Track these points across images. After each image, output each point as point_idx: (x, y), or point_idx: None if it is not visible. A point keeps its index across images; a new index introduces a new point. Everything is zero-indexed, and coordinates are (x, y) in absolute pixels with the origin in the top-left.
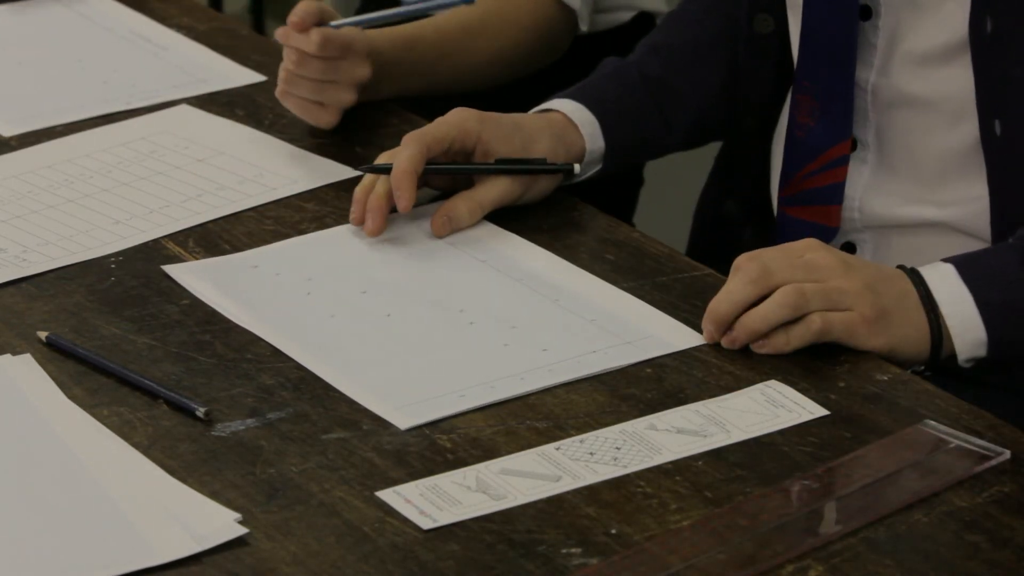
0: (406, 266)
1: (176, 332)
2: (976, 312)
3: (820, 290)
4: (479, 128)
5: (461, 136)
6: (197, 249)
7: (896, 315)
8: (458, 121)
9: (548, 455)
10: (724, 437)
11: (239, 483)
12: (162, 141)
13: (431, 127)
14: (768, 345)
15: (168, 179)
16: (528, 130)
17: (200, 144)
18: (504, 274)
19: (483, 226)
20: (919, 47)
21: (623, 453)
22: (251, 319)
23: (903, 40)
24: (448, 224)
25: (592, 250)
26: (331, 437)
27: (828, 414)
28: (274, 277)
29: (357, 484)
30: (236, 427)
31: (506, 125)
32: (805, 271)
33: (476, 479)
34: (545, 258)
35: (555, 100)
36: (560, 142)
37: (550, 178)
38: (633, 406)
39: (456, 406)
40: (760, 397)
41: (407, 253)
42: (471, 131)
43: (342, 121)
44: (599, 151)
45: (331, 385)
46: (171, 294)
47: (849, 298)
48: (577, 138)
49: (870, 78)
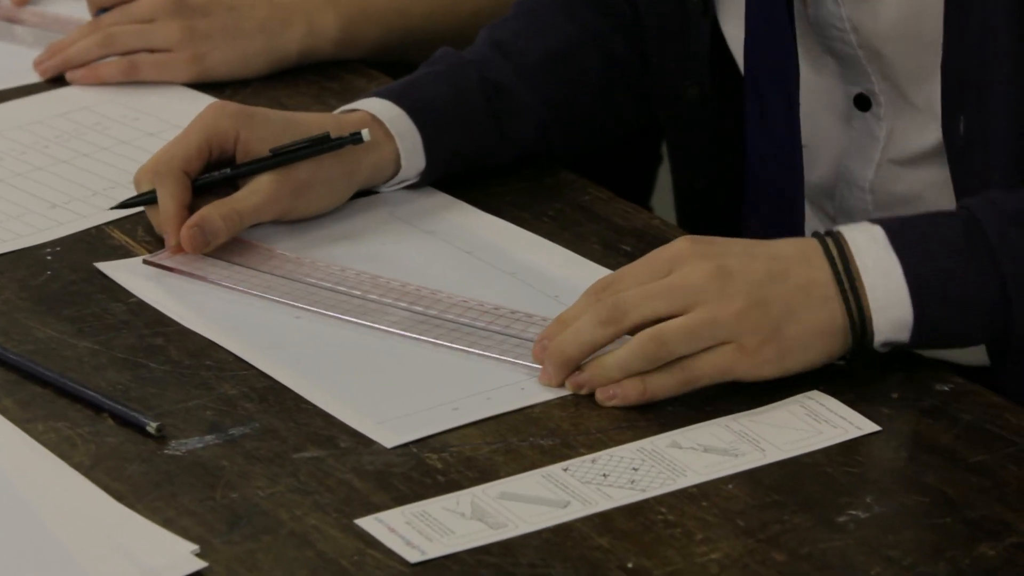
0: (382, 258)
1: (123, 335)
2: (904, 287)
3: (683, 329)
4: (235, 126)
5: (217, 139)
6: (147, 238)
7: (791, 325)
8: (210, 123)
9: (554, 477)
10: (758, 456)
11: (196, 509)
12: (107, 111)
13: (179, 145)
14: (620, 395)
15: (114, 155)
16: (306, 127)
17: (151, 115)
18: (496, 268)
19: (467, 211)
20: (913, 145)
21: (641, 475)
22: (204, 322)
23: (902, 135)
24: (201, 236)
25: (606, 240)
26: (303, 456)
27: (879, 430)
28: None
29: (334, 511)
30: (193, 445)
31: (275, 122)
32: (668, 299)
33: (471, 505)
34: (542, 248)
35: (364, 100)
36: (359, 147)
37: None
38: (653, 420)
39: (448, 421)
40: (800, 410)
41: (381, 242)
42: (225, 132)
43: (315, 90)
44: (417, 168)
45: (303, 397)
46: (117, 290)
47: (723, 329)
48: (386, 145)
49: (868, 175)
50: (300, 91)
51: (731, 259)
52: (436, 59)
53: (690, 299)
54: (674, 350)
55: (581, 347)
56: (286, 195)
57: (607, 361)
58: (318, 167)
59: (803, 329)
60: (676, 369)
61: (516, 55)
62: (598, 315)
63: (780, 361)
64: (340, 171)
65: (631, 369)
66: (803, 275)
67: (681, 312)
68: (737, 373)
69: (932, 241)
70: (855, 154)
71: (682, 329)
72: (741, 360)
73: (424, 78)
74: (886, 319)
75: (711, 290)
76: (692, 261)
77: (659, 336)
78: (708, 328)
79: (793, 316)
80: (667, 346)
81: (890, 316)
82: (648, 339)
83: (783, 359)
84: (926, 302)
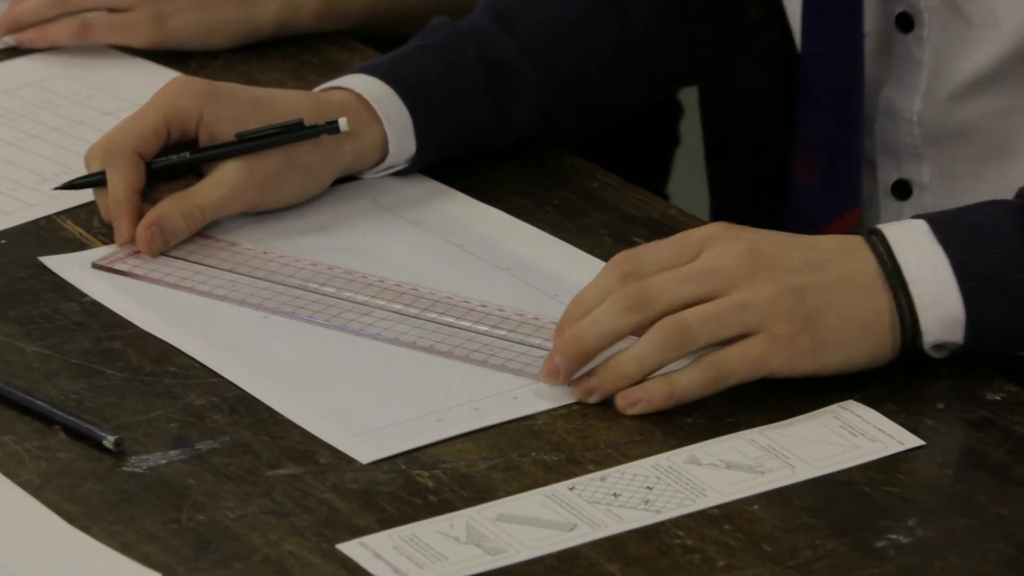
0: (361, 252)
1: (77, 338)
2: (953, 281)
3: (709, 314)
4: (199, 105)
5: (177, 119)
6: (104, 230)
7: (829, 315)
8: (171, 101)
9: (559, 497)
10: (787, 474)
11: (160, 533)
12: (58, 87)
13: (135, 123)
14: (645, 399)
15: (66, 137)
16: (279, 107)
17: (107, 92)
18: (489, 263)
19: (459, 199)
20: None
21: (656, 494)
22: (166, 325)
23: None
24: (160, 236)
25: (616, 231)
26: (279, 474)
27: (923, 445)
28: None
29: (312, 534)
30: (155, 461)
31: (244, 102)
32: (697, 282)
33: (467, 528)
34: (541, 241)
35: (349, 76)
36: (356, 132)
37: (321, 165)
38: (669, 433)
39: (431, 434)
40: (835, 422)
41: (361, 234)
42: (187, 111)
43: (293, 65)
44: (406, 153)
45: (277, 409)
46: (70, 288)
47: (753, 314)
48: (372, 128)
49: (915, 107)
50: (275, 65)
51: (767, 244)
52: (430, 31)
53: (720, 283)
54: (698, 337)
55: (600, 337)
56: (254, 186)
57: (620, 358)
58: (291, 154)
59: (843, 321)
60: (703, 365)
61: (519, 27)
62: (622, 301)
63: (816, 354)
64: (317, 158)
65: (649, 363)
66: (844, 266)
67: (711, 298)
68: (770, 367)
69: (983, 231)
70: (896, 83)
71: (707, 314)
72: (773, 351)
73: (416, 52)
74: (935, 316)
75: (742, 274)
76: (724, 243)
77: (681, 322)
78: (736, 313)
79: (832, 306)
80: (690, 331)
81: (939, 313)
82: (670, 325)
83: (819, 352)
84: (979, 296)
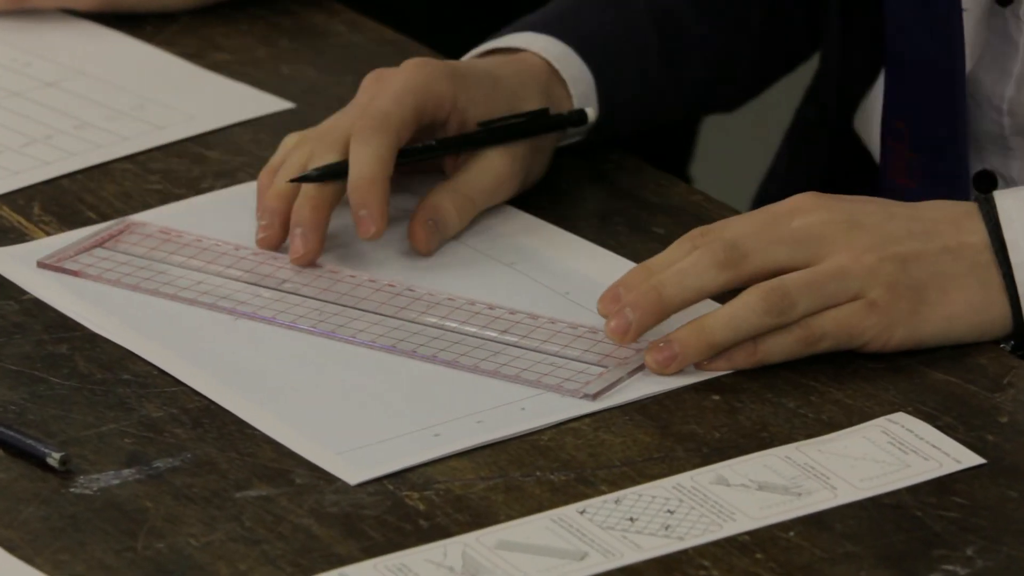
0: (344, 248)
1: (16, 341)
2: None
3: (807, 281)
4: (452, 89)
5: (432, 105)
6: (46, 218)
7: (932, 288)
8: (424, 83)
9: (568, 521)
10: (828, 496)
11: (112, 562)
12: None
13: (392, 102)
14: (725, 356)
15: (2, 112)
16: (510, 84)
17: (48, 59)
18: (492, 258)
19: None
20: None
21: (678, 519)
22: (120, 326)
23: None
24: (436, 231)
25: (633, 220)
26: (248, 496)
27: (983, 463)
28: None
29: (288, 564)
30: (108, 481)
31: (482, 80)
32: (791, 247)
33: (462, 557)
34: (545, 231)
35: (520, 34)
36: (548, 100)
37: (552, 142)
38: (693, 450)
39: (428, 451)
40: (882, 437)
41: (343, 227)
42: (443, 95)
43: (261, 28)
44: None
45: (245, 420)
46: (8, 285)
47: (853, 281)
48: (562, 96)
49: (1006, 92)
50: (241, 29)
51: (864, 215)
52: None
53: (815, 249)
54: (797, 304)
55: (684, 290)
56: (515, 174)
57: (709, 321)
58: (536, 138)
59: (946, 295)
60: (794, 325)
61: None
62: (711, 256)
63: (915, 325)
64: (551, 138)
65: (744, 329)
66: (952, 237)
67: (805, 265)
68: (866, 335)
69: None
70: (989, 64)
71: (805, 281)
72: (870, 318)
73: (583, 7)
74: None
75: (840, 242)
76: (818, 212)
77: (780, 287)
78: (835, 280)
79: (936, 279)
80: (790, 298)
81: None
82: (768, 289)
83: (919, 324)
84: None
